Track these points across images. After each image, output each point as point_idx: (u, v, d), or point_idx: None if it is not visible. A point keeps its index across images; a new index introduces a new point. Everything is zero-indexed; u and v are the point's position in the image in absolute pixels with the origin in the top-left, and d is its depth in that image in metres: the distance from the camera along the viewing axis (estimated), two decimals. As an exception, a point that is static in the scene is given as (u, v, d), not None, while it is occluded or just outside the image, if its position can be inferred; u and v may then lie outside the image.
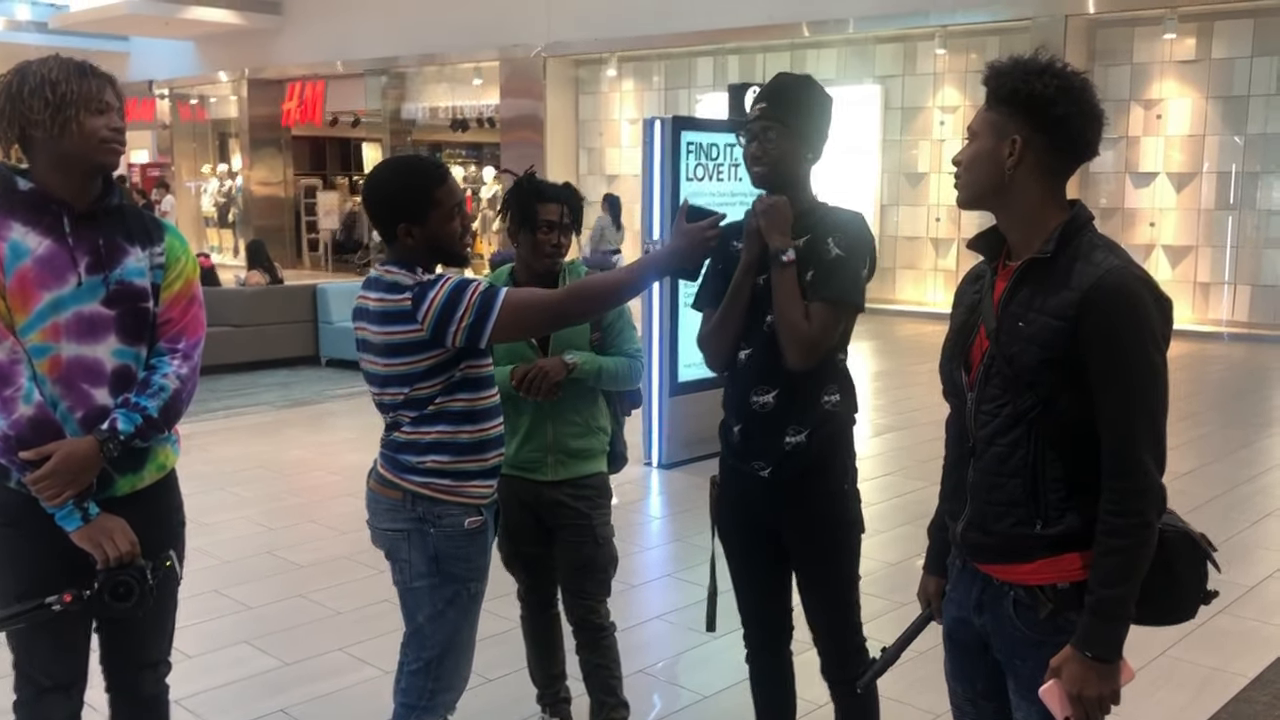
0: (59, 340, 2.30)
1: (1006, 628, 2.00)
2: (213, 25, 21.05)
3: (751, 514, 2.75)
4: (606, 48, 16.93)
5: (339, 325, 10.60)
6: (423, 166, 2.59)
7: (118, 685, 2.58)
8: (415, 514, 2.55)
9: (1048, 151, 1.93)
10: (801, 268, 2.56)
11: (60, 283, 2.29)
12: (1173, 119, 13.27)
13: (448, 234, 2.53)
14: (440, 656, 2.62)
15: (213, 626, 4.33)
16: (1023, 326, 1.91)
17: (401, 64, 19.79)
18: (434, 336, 2.41)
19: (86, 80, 2.29)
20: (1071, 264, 1.89)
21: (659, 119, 6.65)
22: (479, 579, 2.63)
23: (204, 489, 5.96)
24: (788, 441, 2.62)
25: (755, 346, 2.65)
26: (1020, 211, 1.97)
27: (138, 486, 2.41)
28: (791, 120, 2.58)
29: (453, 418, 2.51)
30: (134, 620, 2.44)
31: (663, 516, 6.21)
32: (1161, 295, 1.89)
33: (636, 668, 4.01)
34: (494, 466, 2.63)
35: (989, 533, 1.99)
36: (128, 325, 2.38)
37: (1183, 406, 8.89)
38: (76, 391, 2.32)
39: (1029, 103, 1.90)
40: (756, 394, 2.64)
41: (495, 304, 2.39)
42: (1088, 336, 1.84)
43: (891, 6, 14.23)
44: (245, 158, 22.70)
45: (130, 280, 2.38)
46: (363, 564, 4.93)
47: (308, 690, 3.78)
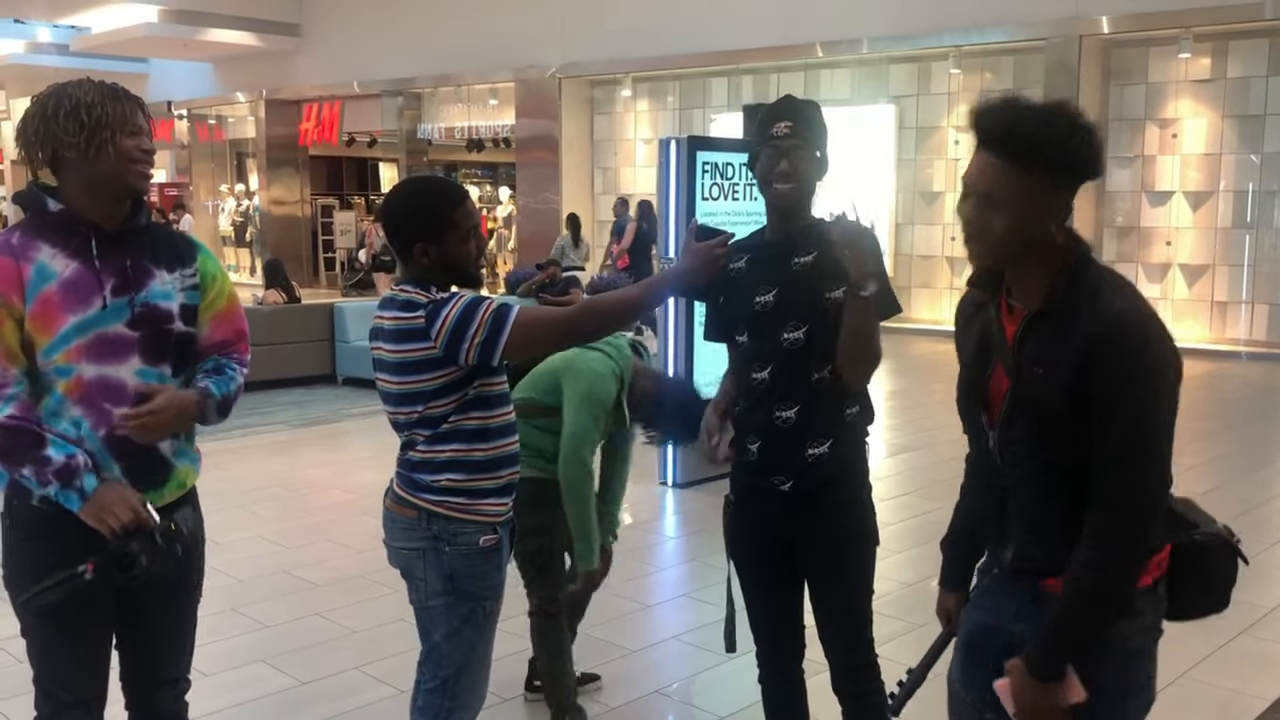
0: (80, 361, 2.32)
1: None
2: (231, 47, 21.24)
3: (768, 532, 2.75)
4: (621, 68, 17.01)
5: (356, 344, 10.65)
6: (441, 188, 2.64)
7: (137, 702, 2.59)
8: (430, 532, 2.55)
9: (1070, 198, 1.89)
10: (824, 283, 2.59)
11: (85, 306, 2.31)
12: (1188, 138, 13.25)
13: (463, 255, 2.55)
14: (457, 675, 2.62)
15: (229, 645, 4.35)
16: (1040, 373, 1.89)
17: (418, 85, 19.92)
18: (447, 354, 2.42)
19: (120, 103, 2.31)
20: (1077, 310, 1.86)
21: (674, 139, 6.68)
22: (494, 597, 2.64)
23: (220, 507, 5.97)
24: (809, 454, 2.65)
25: (775, 364, 2.67)
26: (1035, 262, 1.90)
27: (157, 505, 2.41)
28: (815, 141, 2.63)
29: (466, 436, 2.52)
30: (152, 633, 2.47)
31: (678, 536, 6.20)
32: (1163, 337, 1.86)
33: (652, 688, 4.00)
34: (508, 484, 2.63)
35: (1043, 559, 1.96)
36: (151, 346, 2.40)
37: (1200, 426, 8.83)
38: (98, 410, 2.34)
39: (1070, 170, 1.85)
40: (780, 410, 2.66)
41: (508, 321, 2.41)
42: (1092, 380, 1.82)
43: (905, 27, 14.26)
44: (262, 177, 22.87)
45: (155, 303, 2.39)
46: (379, 583, 4.93)
47: (324, 709, 3.78)
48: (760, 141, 2.67)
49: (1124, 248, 13.72)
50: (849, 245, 2.44)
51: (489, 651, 2.69)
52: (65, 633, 2.40)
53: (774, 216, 2.73)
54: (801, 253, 2.65)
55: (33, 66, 23.29)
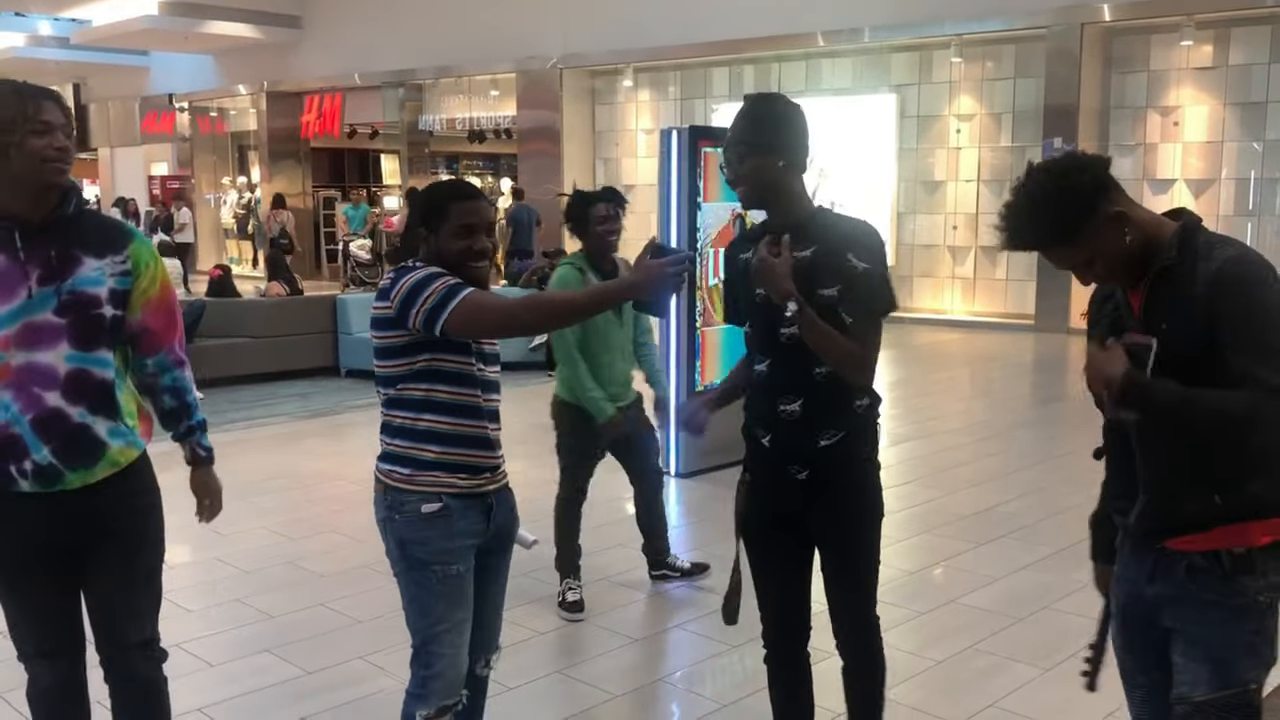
0: (8, 349, 2.40)
1: (1179, 592, 2.12)
2: (232, 39, 21.23)
3: (781, 512, 2.81)
4: (622, 59, 16.99)
5: (358, 336, 10.65)
6: (454, 184, 2.81)
7: (111, 666, 2.68)
8: (387, 502, 2.70)
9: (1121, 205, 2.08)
10: (818, 279, 2.62)
11: (11, 297, 2.39)
12: (1190, 126, 13.23)
13: (452, 249, 2.64)
14: (425, 642, 2.71)
15: (235, 635, 4.37)
16: (1165, 329, 2.04)
17: (419, 76, 19.91)
18: (399, 315, 2.56)
19: (25, 102, 2.35)
20: (1194, 265, 2.04)
21: (676, 129, 6.68)
22: (447, 561, 2.67)
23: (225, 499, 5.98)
24: (821, 444, 2.71)
25: (773, 358, 2.72)
26: (1140, 244, 2.09)
27: (89, 481, 2.51)
28: (758, 139, 2.67)
29: (418, 405, 2.64)
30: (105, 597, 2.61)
31: (680, 526, 6.21)
32: (1275, 272, 2.04)
33: (656, 676, 4.02)
34: (458, 464, 2.67)
35: (1171, 515, 2.11)
36: (80, 332, 2.46)
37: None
38: (28, 394, 2.42)
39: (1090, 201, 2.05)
40: (783, 403, 2.71)
41: (455, 298, 2.51)
42: (1219, 319, 1.99)
43: (906, 15, 14.24)
44: (264, 170, 22.87)
45: (83, 289, 2.46)
46: (382, 573, 4.92)
47: (329, 699, 3.81)
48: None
49: (1126, 236, 13.70)
50: (758, 276, 2.61)
51: (453, 618, 2.70)
52: (14, 597, 2.58)
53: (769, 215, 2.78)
54: (800, 246, 2.65)
55: (34, 60, 23.28)
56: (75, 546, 2.55)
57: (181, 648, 3.95)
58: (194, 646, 4.18)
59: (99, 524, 2.54)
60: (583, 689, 3.86)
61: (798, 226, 2.66)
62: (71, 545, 2.54)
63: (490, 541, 2.78)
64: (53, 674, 2.65)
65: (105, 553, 2.58)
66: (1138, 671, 2.29)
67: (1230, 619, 2.09)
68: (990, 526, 5.54)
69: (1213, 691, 2.09)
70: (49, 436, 2.44)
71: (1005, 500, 6.07)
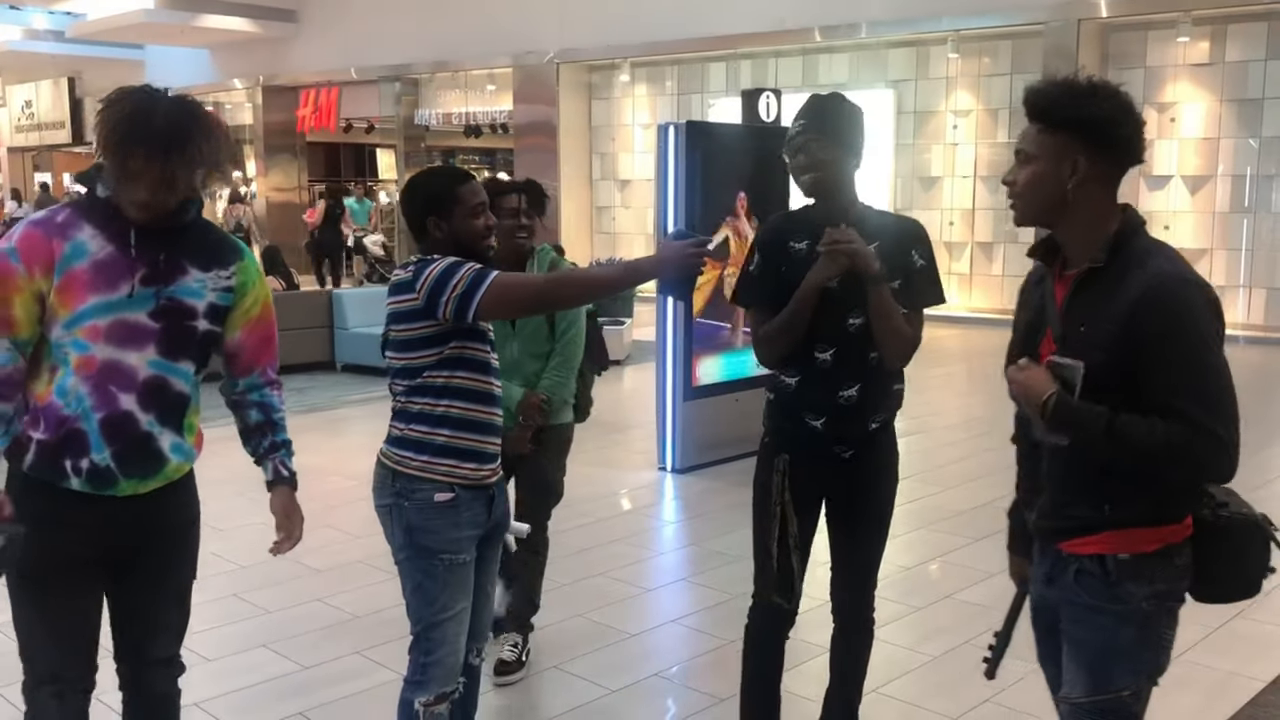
0: (96, 341, 2.36)
1: (1069, 596, 2.13)
2: (227, 33, 21.19)
3: (816, 490, 2.97)
4: (619, 54, 16.98)
5: (355, 331, 10.66)
6: (450, 169, 2.93)
7: (129, 682, 2.63)
8: (395, 488, 2.71)
9: (1105, 167, 2.06)
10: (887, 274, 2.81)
11: (111, 289, 2.36)
12: (1187, 122, 13.24)
13: (470, 230, 2.71)
14: (426, 630, 2.72)
15: (231, 630, 4.37)
16: (1084, 331, 2.02)
17: (415, 70, 19.88)
18: (428, 306, 2.57)
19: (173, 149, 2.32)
20: (1125, 272, 2.00)
21: (673, 124, 6.68)
22: (455, 550, 2.70)
23: (221, 494, 5.95)
24: (872, 426, 2.92)
25: (839, 346, 2.86)
26: (1079, 224, 2.08)
27: (139, 491, 2.45)
28: (832, 130, 2.83)
29: (438, 391, 2.67)
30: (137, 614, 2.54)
31: (676, 521, 6.22)
32: (1213, 297, 2.00)
33: (650, 672, 4.03)
34: (471, 450, 2.70)
35: (1062, 517, 2.13)
36: (169, 340, 2.43)
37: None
38: (103, 393, 2.37)
39: (1090, 126, 2.02)
40: (844, 389, 2.86)
41: (485, 281, 2.54)
42: (1141, 340, 1.94)
43: (903, 11, 14.24)
44: (260, 164, 22.83)
45: (181, 298, 2.44)
46: (379, 569, 4.95)
47: (325, 694, 3.81)
48: (785, 143, 2.91)
49: (1122, 232, 13.71)
50: (848, 253, 2.72)
51: (455, 605, 2.72)
52: (40, 607, 2.45)
53: (818, 206, 2.92)
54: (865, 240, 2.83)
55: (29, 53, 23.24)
56: (114, 555, 2.47)
57: (178, 642, 3.95)
58: (191, 641, 4.09)
59: (142, 534, 2.48)
60: (579, 684, 3.87)
61: (857, 222, 2.84)
62: (111, 553, 2.46)
63: (487, 533, 2.81)
64: (72, 700, 2.50)
65: (144, 564, 2.52)
66: (1054, 679, 2.29)
67: (1111, 625, 2.08)
68: (986, 522, 5.53)
69: (1086, 695, 2.10)
70: (114, 439, 2.39)
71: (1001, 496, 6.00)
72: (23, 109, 28.28)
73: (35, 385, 2.42)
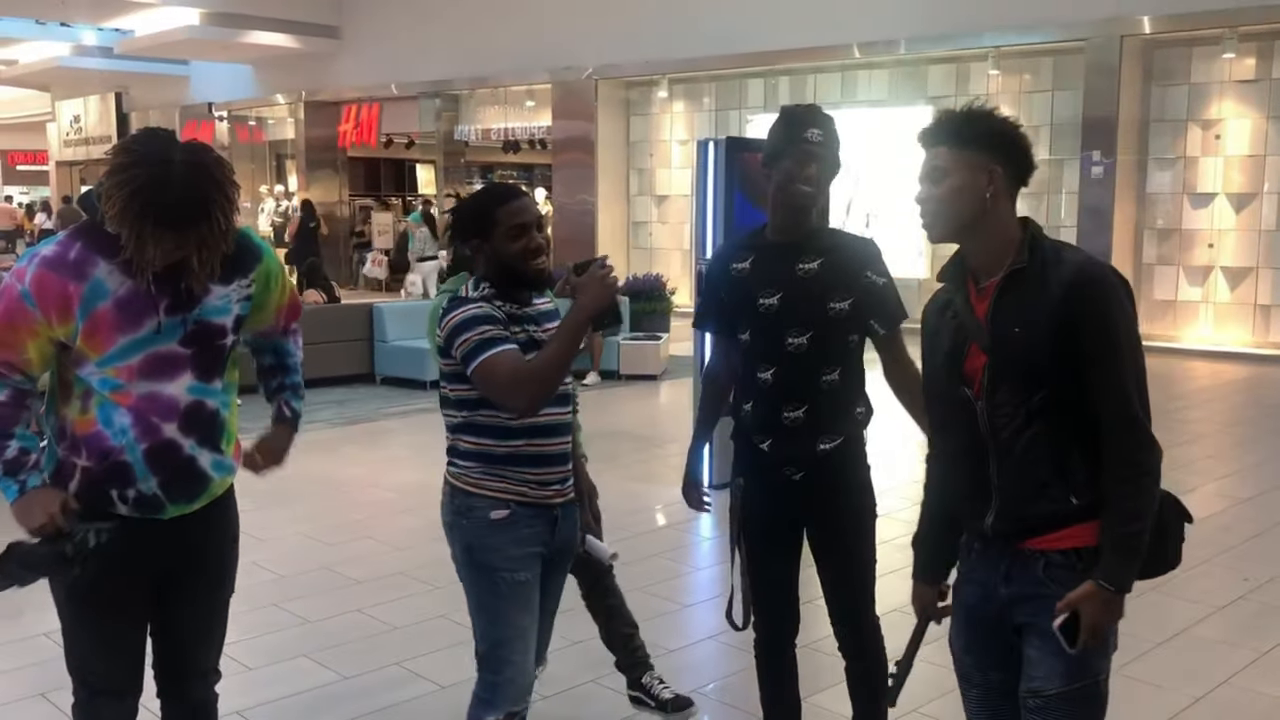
0: (131, 379, 2.34)
1: (1037, 590, 2.16)
2: (271, 49, 21.46)
3: (779, 512, 2.94)
4: (657, 70, 17.02)
5: (394, 344, 10.74)
6: (494, 188, 2.81)
7: (168, 691, 2.65)
8: (454, 506, 2.71)
9: (1011, 180, 2.19)
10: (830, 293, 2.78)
11: (137, 327, 2.32)
12: (1232, 139, 13.08)
13: (510, 252, 2.64)
14: (493, 647, 2.69)
15: (273, 640, 4.41)
16: (1018, 332, 2.12)
17: (455, 87, 20.04)
18: (446, 344, 2.60)
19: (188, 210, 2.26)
20: (1043, 269, 2.13)
21: (712, 140, 6.70)
22: (513, 569, 2.67)
23: (262, 504, 6.04)
24: (821, 448, 2.83)
25: (779, 366, 2.82)
26: (993, 235, 2.19)
27: (185, 512, 2.47)
28: (835, 150, 2.83)
29: (478, 429, 2.67)
30: (183, 628, 2.56)
31: (713, 537, 6.20)
32: (1124, 279, 2.15)
33: (688, 688, 4.01)
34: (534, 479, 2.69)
35: (1024, 517, 2.17)
36: (203, 363, 2.42)
37: (1241, 432, 8.73)
38: (146, 424, 2.37)
39: (997, 139, 2.19)
40: (788, 410, 2.81)
41: (477, 358, 2.53)
42: (1077, 322, 2.07)
43: (943, 27, 14.18)
44: (301, 178, 23.06)
45: (209, 319, 2.41)
46: (418, 579, 4.99)
47: (366, 704, 3.83)
48: (787, 142, 2.79)
49: (1164, 250, 13.57)
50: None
51: (519, 623, 2.70)
52: (94, 625, 2.46)
53: (784, 217, 2.84)
54: (807, 258, 2.80)
55: (79, 69, 23.66)
56: (162, 574, 2.49)
57: (220, 651, 4.00)
58: (232, 650, 4.17)
59: (189, 553, 2.50)
60: (616, 698, 3.87)
61: (806, 239, 2.81)
62: (159, 573, 2.48)
63: (552, 554, 2.78)
64: (120, 711, 2.54)
65: (190, 583, 2.54)
66: (975, 671, 2.33)
67: None
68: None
69: (1066, 685, 2.14)
70: (159, 468, 2.38)
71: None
72: (71, 124, 28.78)
73: (68, 410, 2.39)
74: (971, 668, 2.34)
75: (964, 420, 2.21)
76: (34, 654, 4.11)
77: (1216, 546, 5.59)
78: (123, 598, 2.46)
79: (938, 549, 2.43)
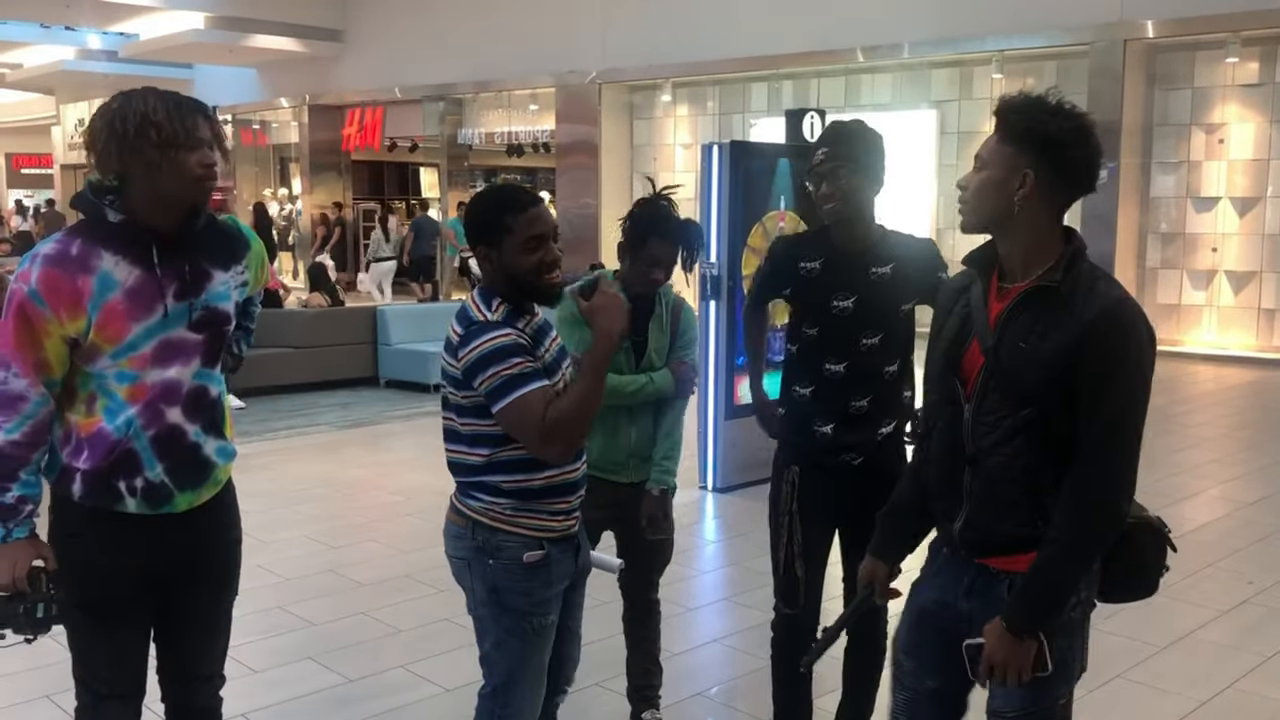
0: (146, 368, 2.35)
1: (998, 610, 2.11)
2: (275, 53, 21.50)
3: (830, 502, 3.04)
4: (661, 74, 17.04)
5: (398, 347, 10.77)
6: (509, 192, 2.56)
7: (173, 696, 2.65)
8: (476, 542, 2.53)
9: (1055, 187, 2.07)
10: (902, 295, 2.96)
11: (149, 314, 2.33)
12: (1235, 143, 13.08)
13: (520, 265, 2.44)
14: (506, 684, 2.60)
15: (277, 642, 4.42)
16: (1024, 348, 2.05)
17: (459, 90, 20.07)
18: (464, 377, 2.42)
19: (185, 117, 2.29)
20: (1073, 293, 2.04)
21: (717, 144, 6.71)
22: (543, 613, 2.58)
23: (266, 507, 6.07)
24: (880, 433, 3.02)
25: (850, 361, 2.99)
26: (1023, 239, 2.10)
27: (195, 504, 2.47)
28: (855, 157, 2.92)
29: (508, 467, 2.49)
30: (187, 633, 2.56)
31: (718, 541, 6.22)
32: (1150, 328, 2.06)
33: (693, 691, 4.02)
34: (563, 510, 2.59)
35: (990, 532, 2.14)
36: (212, 349, 2.45)
37: (1246, 435, 8.73)
38: (153, 410, 2.38)
39: (1044, 142, 2.04)
40: (855, 400, 3.00)
41: (507, 396, 2.36)
42: (1087, 360, 1.99)
43: (947, 31, 14.19)
44: (305, 182, 23.11)
45: (215, 305, 2.44)
46: (422, 583, 5.00)
47: (370, 707, 3.84)
48: (807, 169, 3.04)
49: (1168, 254, 13.57)
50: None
51: (540, 663, 2.64)
52: (100, 632, 2.45)
53: (835, 232, 3.02)
54: (879, 263, 2.97)
55: (83, 72, 23.70)
56: (168, 575, 2.48)
57: (226, 653, 4.00)
58: (237, 652, 4.18)
59: (193, 553, 2.49)
60: (620, 702, 3.87)
61: (873, 245, 2.96)
62: (165, 577, 2.48)
63: (574, 579, 2.71)
64: (125, 715, 2.53)
65: (196, 589, 2.53)
66: (911, 674, 2.31)
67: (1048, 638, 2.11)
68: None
69: (1023, 709, 2.13)
70: (165, 454, 2.39)
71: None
72: (76, 127, 28.84)
73: (72, 415, 2.38)
74: (908, 671, 2.33)
75: (949, 418, 2.20)
76: (40, 657, 4.10)
77: (1221, 551, 5.59)
78: (130, 602, 2.46)
79: (903, 530, 2.42)
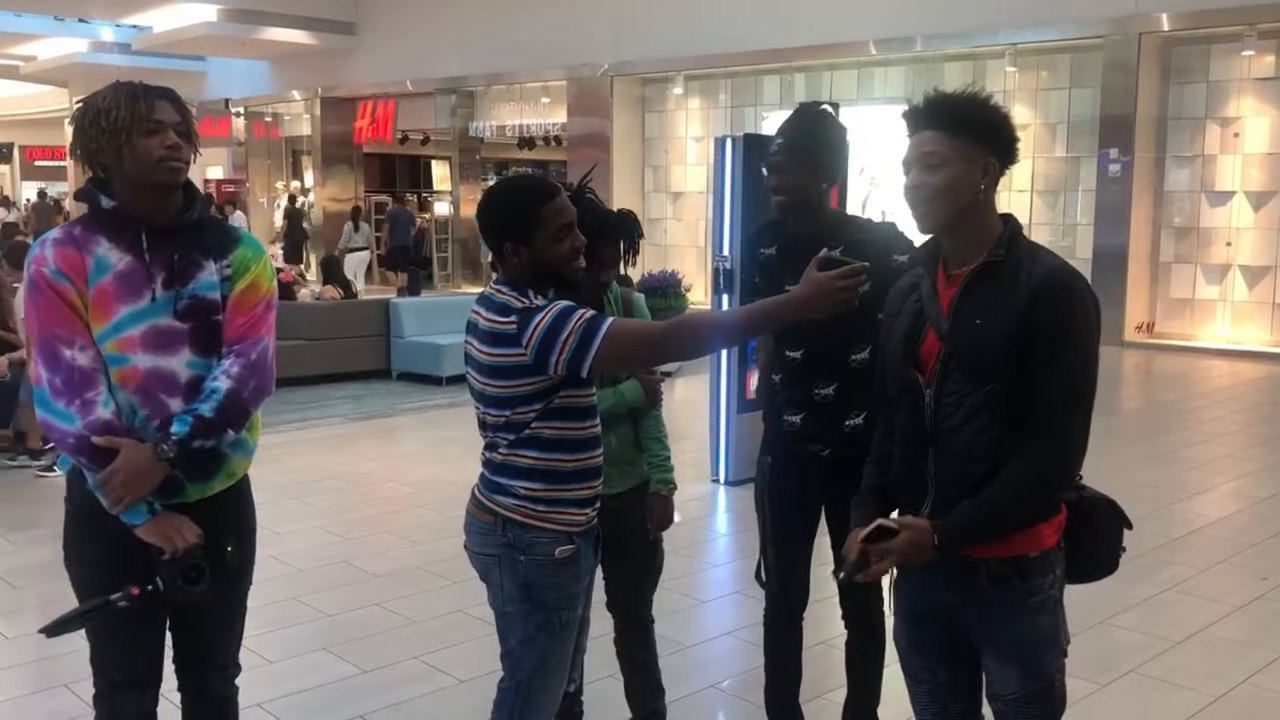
0: (135, 352, 2.40)
1: (981, 597, 2.17)
2: (287, 45, 21.54)
3: (804, 493, 3.07)
4: (673, 66, 17.03)
5: (411, 340, 10.80)
6: (531, 184, 2.54)
7: (188, 685, 2.67)
8: (506, 539, 2.52)
9: (998, 171, 2.19)
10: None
11: (136, 298, 2.40)
12: (1251, 137, 13.01)
13: (554, 255, 2.44)
14: (529, 679, 2.61)
15: (292, 633, 4.44)
16: (980, 324, 2.12)
17: (470, 83, 20.09)
18: (537, 362, 2.36)
19: (137, 103, 2.36)
20: (1018, 266, 2.13)
21: (730, 137, 6.70)
22: (571, 607, 2.58)
23: (279, 499, 6.10)
24: (848, 425, 2.95)
25: (806, 347, 2.95)
26: (977, 226, 2.18)
27: (206, 494, 2.49)
28: (801, 150, 2.91)
29: (545, 444, 2.48)
30: (203, 621, 2.56)
31: (729, 534, 6.23)
32: (1093, 293, 2.14)
33: (704, 684, 4.04)
34: (589, 498, 2.59)
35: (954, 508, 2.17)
36: (201, 338, 2.47)
37: (1259, 431, 8.69)
38: (154, 400, 2.42)
39: (994, 131, 2.18)
40: (819, 387, 2.94)
41: (599, 332, 2.33)
42: (1037, 325, 2.06)
43: (960, 24, 14.14)
44: (317, 174, 23.18)
45: (202, 294, 2.47)
46: (436, 574, 5.02)
47: (385, 697, 3.86)
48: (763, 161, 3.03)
49: (1182, 248, 13.50)
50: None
51: (566, 657, 2.66)
52: (115, 620, 2.46)
53: (789, 219, 3.02)
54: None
55: (96, 65, 23.78)
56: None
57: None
58: (252, 643, 4.19)
59: (208, 546, 2.47)
60: (633, 694, 3.88)
61: (827, 229, 2.89)
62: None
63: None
64: (141, 704, 2.56)
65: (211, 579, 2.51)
66: (922, 669, 2.35)
67: (1032, 617, 2.18)
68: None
69: (1021, 688, 2.19)
70: None
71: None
72: (88, 120, 28.96)
73: None
74: (919, 666, 2.35)
75: (910, 408, 2.22)
76: (57, 646, 4.14)
77: (1235, 546, 5.58)
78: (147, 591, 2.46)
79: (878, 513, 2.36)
